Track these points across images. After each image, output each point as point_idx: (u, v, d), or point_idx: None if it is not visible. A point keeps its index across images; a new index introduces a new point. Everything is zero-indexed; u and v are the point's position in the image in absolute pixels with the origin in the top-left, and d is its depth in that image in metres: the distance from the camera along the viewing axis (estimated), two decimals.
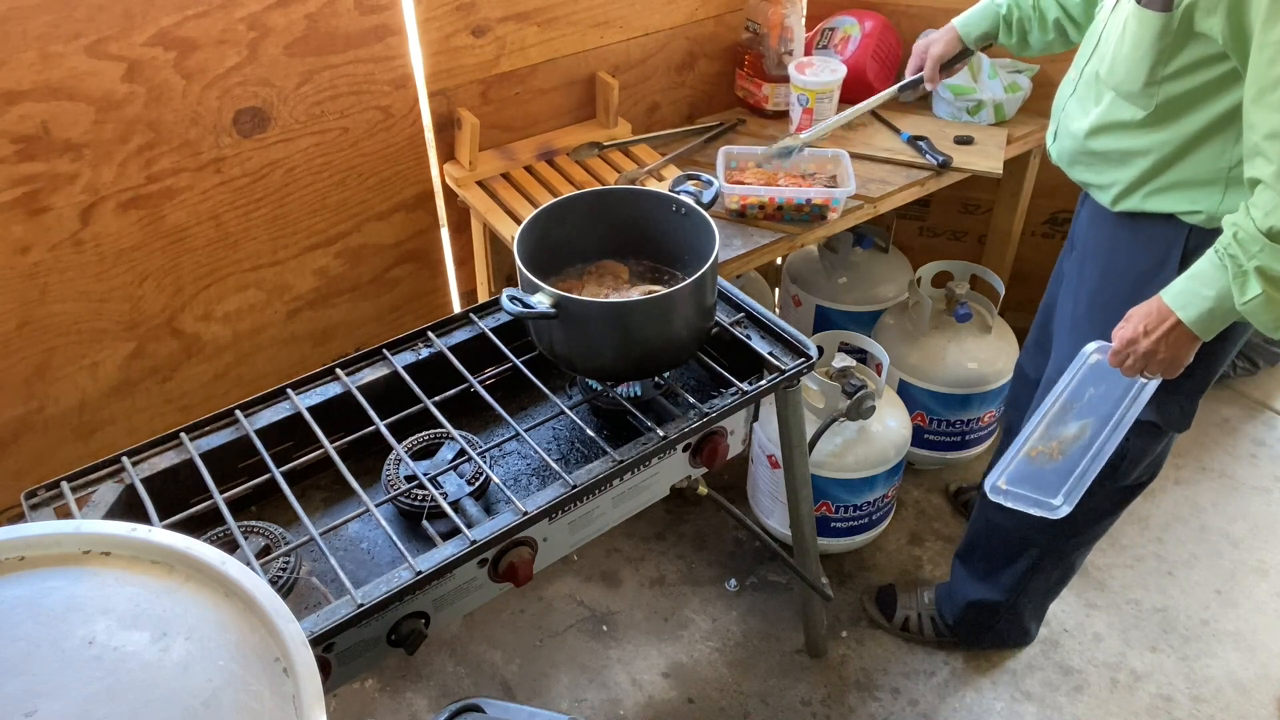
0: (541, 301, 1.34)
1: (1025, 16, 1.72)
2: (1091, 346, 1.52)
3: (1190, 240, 1.41)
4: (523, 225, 1.45)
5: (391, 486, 1.39)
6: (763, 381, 1.50)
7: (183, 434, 1.40)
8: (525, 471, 1.50)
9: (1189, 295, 1.32)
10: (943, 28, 1.84)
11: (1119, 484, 1.68)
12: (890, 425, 2.10)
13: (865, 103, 1.96)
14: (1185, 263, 1.39)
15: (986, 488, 1.54)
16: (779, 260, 2.74)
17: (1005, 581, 1.93)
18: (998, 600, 1.96)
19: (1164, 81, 1.34)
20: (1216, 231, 1.32)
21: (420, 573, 1.20)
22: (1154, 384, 1.45)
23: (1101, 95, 1.46)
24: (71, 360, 1.76)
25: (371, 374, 1.52)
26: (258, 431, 1.41)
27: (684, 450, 1.52)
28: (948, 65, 1.84)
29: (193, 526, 1.27)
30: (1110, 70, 1.41)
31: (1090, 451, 1.50)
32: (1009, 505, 1.54)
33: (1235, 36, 1.23)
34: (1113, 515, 1.79)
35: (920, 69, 1.86)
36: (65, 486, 1.32)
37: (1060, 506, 1.50)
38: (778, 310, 2.76)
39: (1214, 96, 1.32)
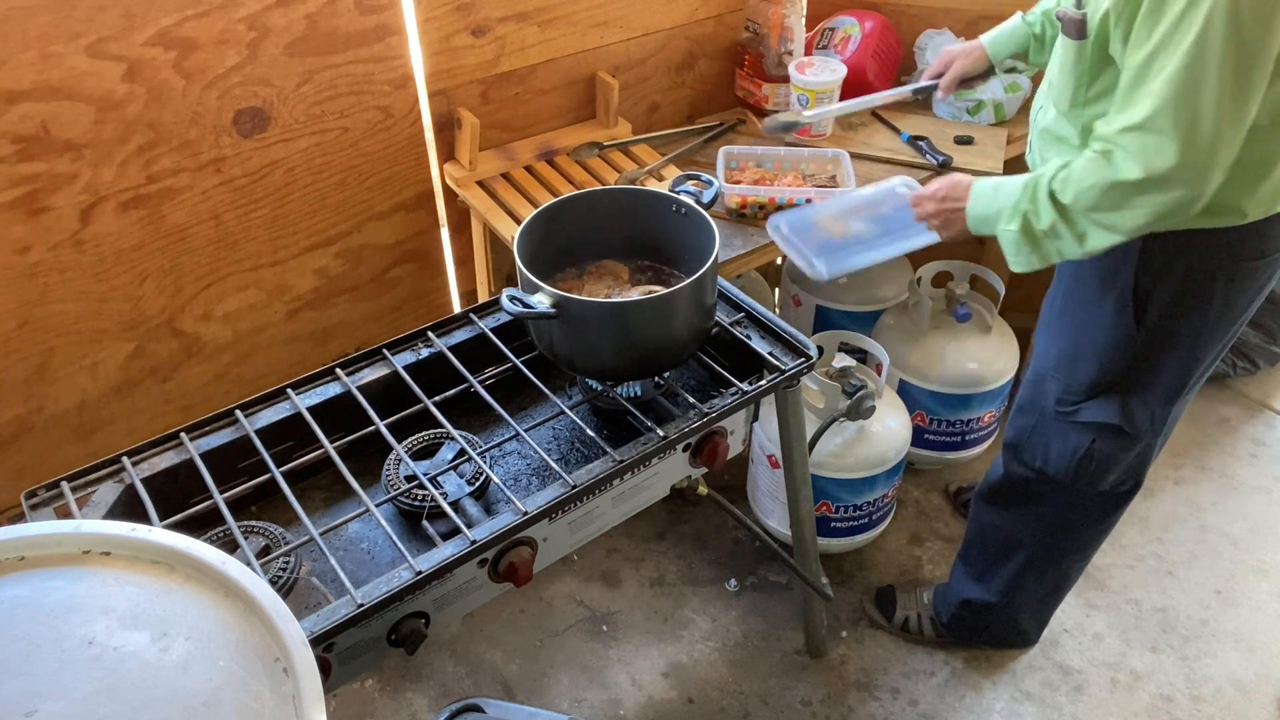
0: (541, 301, 1.34)
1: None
2: (899, 179, 1.70)
3: (1147, 244, 1.41)
4: (523, 225, 1.45)
5: (391, 486, 1.39)
6: (763, 381, 1.50)
7: (183, 434, 1.40)
8: (525, 471, 1.50)
9: (987, 195, 1.43)
10: (971, 42, 1.83)
11: (1095, 489, 1.69)
12: (890, 425, 2.10)
13: (874, 96, 1.96)
14: (1142, 265, 1.42)
15: (768, 224, 1.67)
16: (779, 260, 2.74)
17: (997, 583, 1.93)
18: (990, 601, 1.97)
19: (1087, 104, 1.39)
20: (1169, 234, 1.36)
21: (420, 573, 1.20)
22: (933, 236, 1.59)
23: (1049, 108, 1.50)
24: (71, 360, 1.76)
25: (371, 374, 1.52)
26: (258, 431, 1.41)
27: (684, 450, 1.52)
28: (967, 80, 1.86)
29: (193, 526, 1.27)
30: (1051, 88, 1.47)
31: (865, 246, 1.63)
32: (780, 245, 1.66)
33: None
34: (1099, 524, 1.79)
35: (939, 75, 1.86)
36: (65, 486, 1.32)
37: (818, 267, 1.59)
38: (778, 310, 2.76)
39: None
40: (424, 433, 1.48)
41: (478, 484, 1.40)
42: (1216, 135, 1.19)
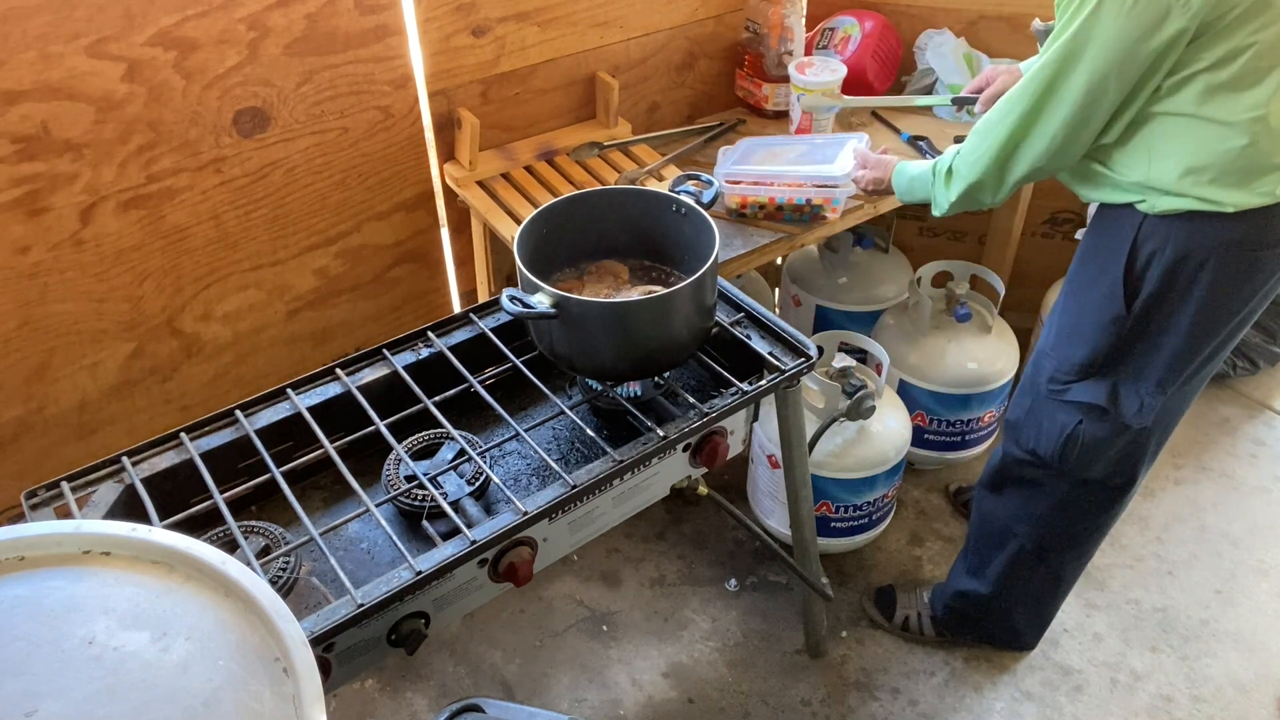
0: (541, 301, 1.34)
1: None
2: (856, 146, 1.92)
3: (1143, 226, 1.44)
4: (523, 225, 1.45)
5: (391, 486, 1.39)
6: (763, 381, 1.50)
7: (183, 434, 1.40)
8: (525, 471, 1.50)
9: (904, 189, 1.72)
10: (1011, 65, 1.86)
11: (1084, 475, 1.69)
12: (890, 425, 2.10)
13: (913, 97, 2.05)
14: (1136, 246, 1.45)
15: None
16: (779, 260, 2.74)
17: (990, 574, 1.94)
18: (983, 593, 1.97)
19: None
20: (1165, 217, 1.40)
21: (420, 573, 1.20)
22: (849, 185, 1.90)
23: None
24: (71, 360, 1.76)
25: (371, 374, 1.52)
26: (258, 431, 1.41)
27: (684, 450, 1.52)
28: None
29: (193, 526, 1.27)
30: None
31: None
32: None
33: None
34: (1092, 520, 1.80)
35: (980, 90, 1.90)
36: (65, 486, 1.32)
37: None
38: (778, 310, 2.75)
39: (1113, 120, 1.41)
40: (424, 433, 1.48)
41: (478, 484, 1.40)
42: (1069, 111, 1.36)
